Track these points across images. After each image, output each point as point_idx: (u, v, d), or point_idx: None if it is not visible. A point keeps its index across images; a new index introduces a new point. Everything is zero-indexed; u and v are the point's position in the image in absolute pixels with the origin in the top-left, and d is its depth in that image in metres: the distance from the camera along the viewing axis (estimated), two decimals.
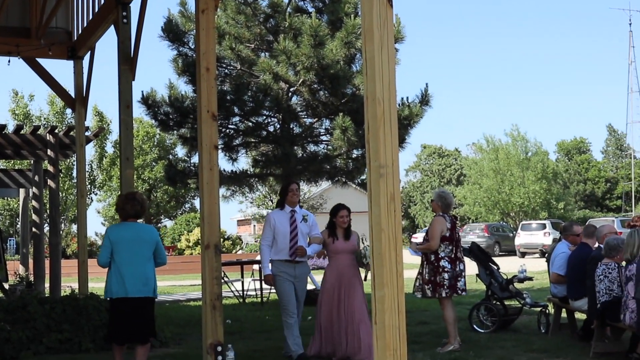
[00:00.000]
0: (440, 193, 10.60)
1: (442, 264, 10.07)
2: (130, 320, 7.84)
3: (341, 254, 9.45)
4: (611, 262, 9.10)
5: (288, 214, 9.30)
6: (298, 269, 9.27)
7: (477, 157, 60.10)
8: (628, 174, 71.12)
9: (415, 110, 15.40)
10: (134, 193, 8.38)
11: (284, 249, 9.14)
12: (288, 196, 9.35)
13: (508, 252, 39.72)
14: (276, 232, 9.14)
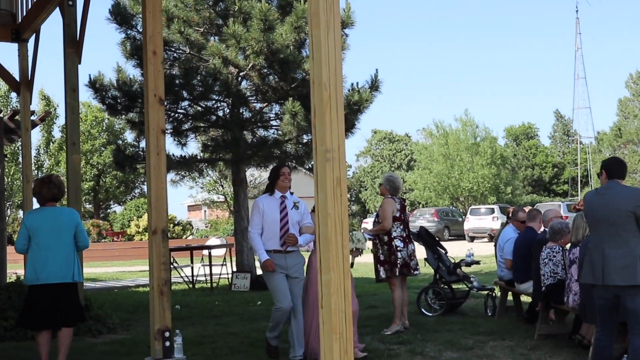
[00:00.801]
0: (389, 177, 10.69)
1: (396, 244, 10.20)
2: (46, 307, 7.59)
3: None
4: (556, 246, 9.25)
5: (278, 199, 8.31)
6: (290, 259, 8.24)
7: (427, 143, 60.55)
8: (574, 159, 72.32)
9: (365, 96, 15.45)
10: (50, 176, 8.07)
11: (273, 238, 8.20)
12: (279, 180, 8.33)
13: (457, 236, 40.16)
14: (265, 220, 8.21)
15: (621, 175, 6.96)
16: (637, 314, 6.66)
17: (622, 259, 6.65)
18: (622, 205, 6.68)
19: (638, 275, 6.54)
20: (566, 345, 9.02)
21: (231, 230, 19.17)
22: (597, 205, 7.01)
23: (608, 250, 6.77)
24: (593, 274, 6.90)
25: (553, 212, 10.63)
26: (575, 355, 8.51)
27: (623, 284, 6.63)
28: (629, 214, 6.60)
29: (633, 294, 6.62)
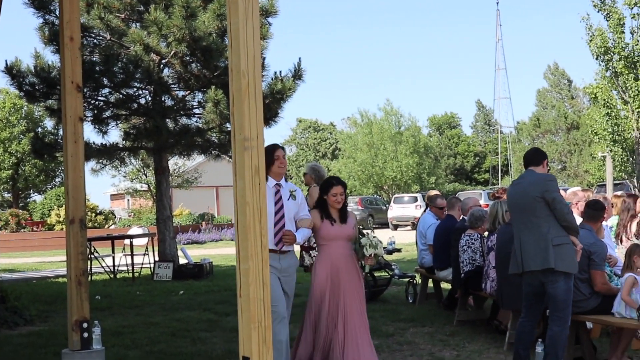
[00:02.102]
0: (313, 166, 10.70)
1: None
2: None
3: (335, 241, 7.34)
4: (474, 233, 9.43)
5: (272, 188, 6.88)
6: (284, 260, 6.93)
7: (352, 131, 60.82)
8: (495, 148, 73.67)
9: (288, 84, 15.42)
10: None
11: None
12: (274, 165, 6.92)
13: (381, 224, 40.54)
14: None
15: (535, 162, 7.13)
16: (556, 300, 6.83)
17: (535, 245, 6.83)
18: (531, 192, 6.87)
19: (551, 259, 6.71)
20: (484, 330, 9.21)
21: (155, 220, 18.99)
22: (512, 194, 7.21)
23: (523, 238, 6.96)
24: (516, 263, 7.08)
25: (472, 200, 10.82)
26: (492, 340, 8.69)
27: (538, 269, 6.81)
28: (538, 199, 6.78)
29: (553, 280, 6.79)
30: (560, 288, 6.80)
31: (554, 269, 6.73)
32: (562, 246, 6.76)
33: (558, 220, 6.79)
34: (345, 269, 7.32)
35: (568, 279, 6.83)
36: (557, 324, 6.86)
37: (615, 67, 22.31)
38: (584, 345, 7.76)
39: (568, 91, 73.01)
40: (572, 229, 6.83)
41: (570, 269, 6.78)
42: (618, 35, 22.36)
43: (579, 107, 69.25)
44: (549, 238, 6.76)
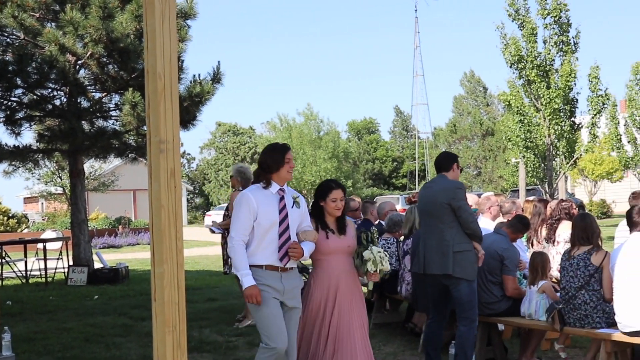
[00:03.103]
0: (239, 168, 10.63)
1: None
2: None
3: (334, 256, 6.28)
4: (390, 237, 9.55)
5: (276, 195, 5.92)
6: (288, 280, 5.87)
7: (271, 136, 60.78)
8: (413, 153, 74.59)
9: (207, 88, 15.34)
10: None
11: (268, 248, 5.82)
12: (283, 169, 5.95)
13: None
14: (258, 222, 5.79)
15: (445, 168, 7.28)
16: (461, 302, 6.99)
17: (437, 249, 6.99)
18: (439, 198, 7.02)
19: (449, 265, 6.89)
20: (399, 333, 9.34)
21: (69, 223, 18.58)
22: (422, 198, 7.36)
23: (427, 241, 7.13)
24: (418, 263, 7.25)
25: (388, 205, 10.95)
26: (407, 342, 8.82)
27: (439, 273, 6.97)
28: (445, 205, 6.94)
29: (455, 284, 6.95)
30: (463, 291, 6.96)
31: (452, 275, 6.91)
32: (463, 253, 6.93)
33: (462, 227, 6.95)
34: (345, 287, 6.27)
35: (470, 281, 6.98)
36: (463, 324, 7.03)
37: (528, 76, 22.84)
38: (496, 347, 7.95)
39: (483, 98, 74.48)
40: (475, 236, 6.99)
41: (468, 275, 6.95)
42: (531, 45, 22.92)
43: (493, 114, 70.68)
44: (450, 244, 6.93)
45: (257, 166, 6.00)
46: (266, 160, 5.96)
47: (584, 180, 43.76)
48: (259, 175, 5.98)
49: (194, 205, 74.64)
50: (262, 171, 5.96)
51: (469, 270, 6.95)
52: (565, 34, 22.98)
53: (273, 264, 5.77)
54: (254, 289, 5.64)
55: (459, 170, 7.33)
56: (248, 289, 5.65)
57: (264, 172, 5.94)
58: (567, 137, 23.21)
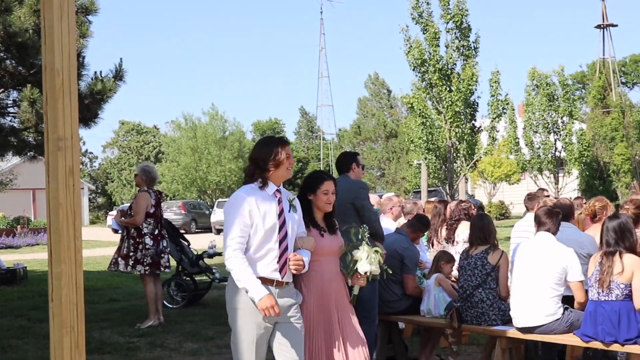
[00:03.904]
0: (145, 167, 10.51)
1: (144, 241, 9.99)
2: None
3: (327, 258, 5.59)
4: None
5: (272, 196, 5.14)
6: (283, 296, 5.09)
7: (176, 135, 60.16)
8: (318, 154, 75.03)
9: (108, 85, 15.04)
10: None
11: (265, 258, 5.04)
12: (283, 166, 5.20)
13: (204, 229, 40.32)
14: (256, 229, 5.01)
15: (346, 168, 7.34)
16: (363, 301, 7.04)
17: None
18: (343, 198, 7.06)
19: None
20: None
21: None
22: None
23: None
24: None
25: None
26: None
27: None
28: (348, 205, 7.00)
29: None
30: (364, 290, 7.03)
31: None
32: None
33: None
34: (338, 293, 5.63)
35: (372, 281, 7.05)
36: (364, 323, 7.10)
37: (430, 79, 23.32)
38: (396, 345, 8.08)
39: (387, 100, 75.44)
40: (377, 236, 7.08)
41: None
42: (434, 48, 23.39)
43: (397, 116, 71.69)
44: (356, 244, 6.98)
45: (250, 162, 5.24)
46: (262, 155, 5.14)
47: (483, 182, 44.92)
48: (252, 173, 5.16)
49: (96, 205, 73.22)
50: (256, 168, 5.15)
51: None
52: (466, 39, 23.55)
53: (269, 277, 4.99)
54: (269, 299, 4.82)
55: (360, 169, 7.39)
56: (263, 301, 4.80)
57: (260, 169, 5.13)
58: (468, 140, 23.77)
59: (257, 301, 4.81)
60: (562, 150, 33.86)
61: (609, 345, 6.13)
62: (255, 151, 5.21)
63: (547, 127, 33.55)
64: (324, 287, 5.50)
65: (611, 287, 6.06)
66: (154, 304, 10.09)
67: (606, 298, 6.09)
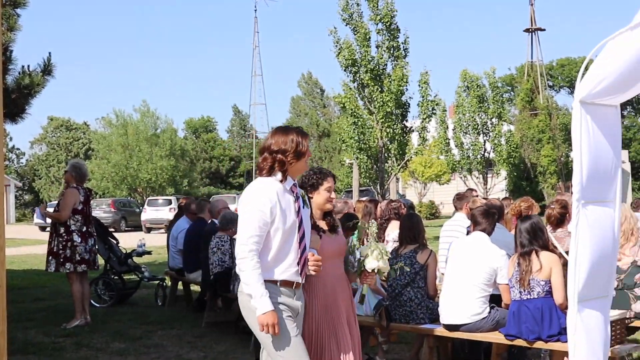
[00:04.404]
0: (75, 164, 10.35)
1: (72, 238, 9.82)
2: None
3: (330, 260, 5.09)
4: (224, 235, 9.54)
5: (290, 192, 4.76)
6: (299, 298, 4.84)
7: (106, 132, 59.28)
8: (250, 153, 74.75)
9: (36, 80, 14.75)
10: None
11: (285, 260, 4.67)
12: (303, 159, 4.82)
13: (134, 227, 39.82)
14: (277, 227, 4.62)
15: None
16: None
17: None
18: None
19: None
20: (232, 331, 9.34)
21: None
22: None
23: None
24: None
25: (221, 202, 10.95)
26: (240, 340, 8.84)
27: None
28: None
29: None
30: None
31: None
32: None
33: None
34: (343, 297, 5.21)
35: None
36: None
37: (362, 79, 23.48)
38: None
39: (320, 100, 75.69)
40: None
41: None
42: (365, 49, 23.56)
43: (330, 116, 72.00)
44: None
45: (267, 153, 4.72)
46: (284, 145, 4.68)
47: (414, 182, 45.38)
48: (272, 165, 4.69)
49: (23, 202, 71.70)
50: (275, 160, 4.69)
51: None
52: (396, 40, 23.78)
53: (289, 279, 4.67)
54: (272, 316, 4.45)
55: None
56: (264, 316, 4.44)
57: (280, 162, 4.67)
58: (399, 140, 24.00)
59: (260, 314, 4.44)
60: (491, 151, 34.43)
61: (532, 343, 6.26)
62: (274, 141, 4.71)
63: (476, 128, 34.09)
64: (327, 293, 5.07)
65: (532, 286, 6.21)
66: (80, 303, 9.93)
67: (528, 297, 6.23)
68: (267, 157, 4.69)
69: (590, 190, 4.61)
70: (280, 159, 4.65)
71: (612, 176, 4.82)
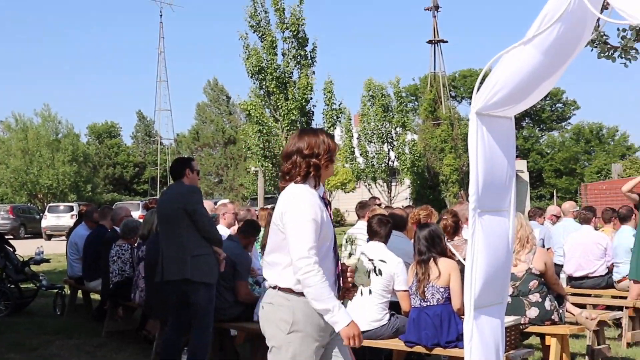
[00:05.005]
0: None
1: None
2: None
3: None
4: (125, 244, 9.41)
5: (322, 199, 4.34)
6: None
7: (5, 136, 57.59)
8: (155, 159, 73.82)
9: None
10: None
11: (326, 274, 4.15)
12: (331, 165, 4.42)
13: (34, 234, 38.77)
14: (322, 238, 4.21)
15: (179, 175, 7.28)
16: (199, 308, 7.03)
17: (175, 255, 7.01)
18: (175, 203, 7.05)
19: (188, 270, 6.92)
20: (133, 340, 9.23)
21: None
22: (160, 204, 7.37)
23: (165, 247, 7.12)
24: (159, 272, 7.20)
25: (123, 210, 10.80)
26: (140, 349, 8.74)
27: (177, 279, 6.98)
28: (180, 210, 6.97)
29: (194, 290, 6.98)
30: (201, 297, 7.00)
31: (191, 280, 6.93)
32: (201, 257, 6.98)
33: (199, 231, 7.00)
34: None
35: (209, 288, 7.03)
36: (199, 331, 7.08)
37: (268, 87, 23.53)
38: (227, 352, 8.09)
39: (227, 107, 75.29)
40: (213, 240, 7.08)
41: (208, 279, 7.02)
42: (271, 57, 23.63)
43: (236, 123, 71.70)
44: (188, 249, 6.96)
45: (298, 157, 4.28)
46: (317, 148, 4.27)
47: None
48: (307, 170, 4.26)
49: None
50: (310, 165, 4.27)
51: (208, 274, 7.00)
52: (303, 48, 23.92)
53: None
54: (355, 326, 4.09)
55: (195, 174, 7.34)
56: (349, 328, 4.07)
57: (315, 167, 4.27)
58: None
59: (343, 327, 4.05)
60: (395, 160, 34.90)
61: (431, 350, 6.38)
62: (305, 143, 4.28)
63: (381, 137, 34.49)
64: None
65: (431, 292, 6.33)
66: None
67: (427, 304, 6.36)
68: (298, 161, 4.26)
69: (486, 200, 4.72)
70: (315, 163, 4.25)
71: (507, 186, 4.96)
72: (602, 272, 10.20)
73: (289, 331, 4.16)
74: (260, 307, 4.38)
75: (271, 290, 4.28)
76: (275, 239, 4.25)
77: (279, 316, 4.21)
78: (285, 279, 4.18)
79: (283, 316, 4.19)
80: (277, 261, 4.25)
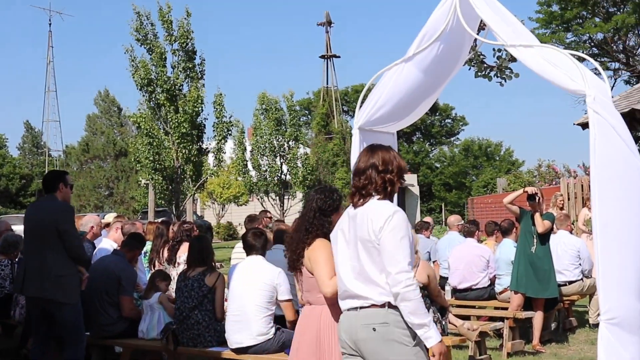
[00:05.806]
0: None
1: None
2: None
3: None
4: (5, 260, 9.11)
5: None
6: None
7: None
8: (43, 171, 71.79)
9: None
10: None
11: None
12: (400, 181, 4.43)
13: None
14: None
15: (52, 188, 7.07)
16: (67, 326, 6.85)
17: (39, 272, 6.80)
18: (45, 220, 6.83)
19: (49, 290, 6.72)
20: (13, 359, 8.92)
21: None
22: (29, 216, 7.10)
23: (30, 262, 6.89)
24: (17, 283, 7.00)
25: (4, 224, 10.46)
26: None
27: (39, 297, 6.79)
28: (52, 228, 6.77)
29: (59, 308, 6.79)
30: (67, 315, 6.83)
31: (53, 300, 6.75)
32: (65, 277, 6.79)
33: (67, 251, 6.80)
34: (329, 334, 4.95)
35: (73, 305, 6.85)
36: (70, 347, 6.91)
37: (158, 99, 23.28)
38: None
39: (118, 118, 73.95)
40: (80, 260, 6.90)
41: (70, 299, 6.83)
42: (160, 69, 23.39)
43: (127, 135, 70.50)
44: (52, 268, 6.75)
45: (373, 172, 4.33)
46: (391, 166, 4.35)
47: (212, 203, 45.27)
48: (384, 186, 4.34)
49: None
50: (385, 181, 4.33)
51: (71, 294, 6.82)
52: (192, 61, 23.80)
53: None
54: (444, 344, 4.27)
55: (68, 189, 7.14)
56: (440, 344, 4.18)
57: (390, 182, 4.34)
58: (194, 161, 23.97)
59: (434, 343, 4.15)
60: (288, 173, 34.98)
61: None
62: (379, 159, 4.34)
63: (274, 150, 34.49)
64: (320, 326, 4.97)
65: None
66: None
67: None
68: (373, 176, 4.31)
69: None
70: (389, 179, 4.32)
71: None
72: (485, 284, 10.48)
73: (414, 344, 4.19)
74: (368, 330, 4.24)
75: (378, 310, 4.23)
76: (369, 256, 4.22)
77: (400, 332, 4.20)
78: (389, 296, 4.17)
79: (403, 332, 4.19)
80: (376, 279, 4.22)
